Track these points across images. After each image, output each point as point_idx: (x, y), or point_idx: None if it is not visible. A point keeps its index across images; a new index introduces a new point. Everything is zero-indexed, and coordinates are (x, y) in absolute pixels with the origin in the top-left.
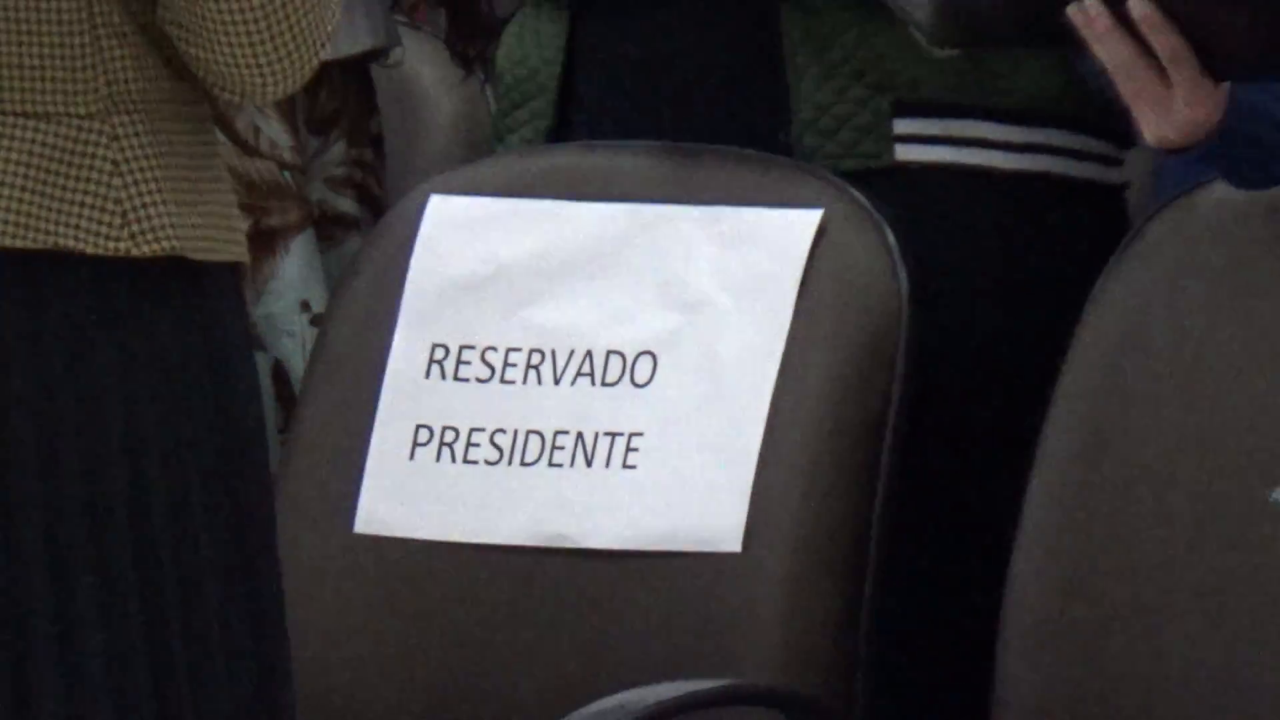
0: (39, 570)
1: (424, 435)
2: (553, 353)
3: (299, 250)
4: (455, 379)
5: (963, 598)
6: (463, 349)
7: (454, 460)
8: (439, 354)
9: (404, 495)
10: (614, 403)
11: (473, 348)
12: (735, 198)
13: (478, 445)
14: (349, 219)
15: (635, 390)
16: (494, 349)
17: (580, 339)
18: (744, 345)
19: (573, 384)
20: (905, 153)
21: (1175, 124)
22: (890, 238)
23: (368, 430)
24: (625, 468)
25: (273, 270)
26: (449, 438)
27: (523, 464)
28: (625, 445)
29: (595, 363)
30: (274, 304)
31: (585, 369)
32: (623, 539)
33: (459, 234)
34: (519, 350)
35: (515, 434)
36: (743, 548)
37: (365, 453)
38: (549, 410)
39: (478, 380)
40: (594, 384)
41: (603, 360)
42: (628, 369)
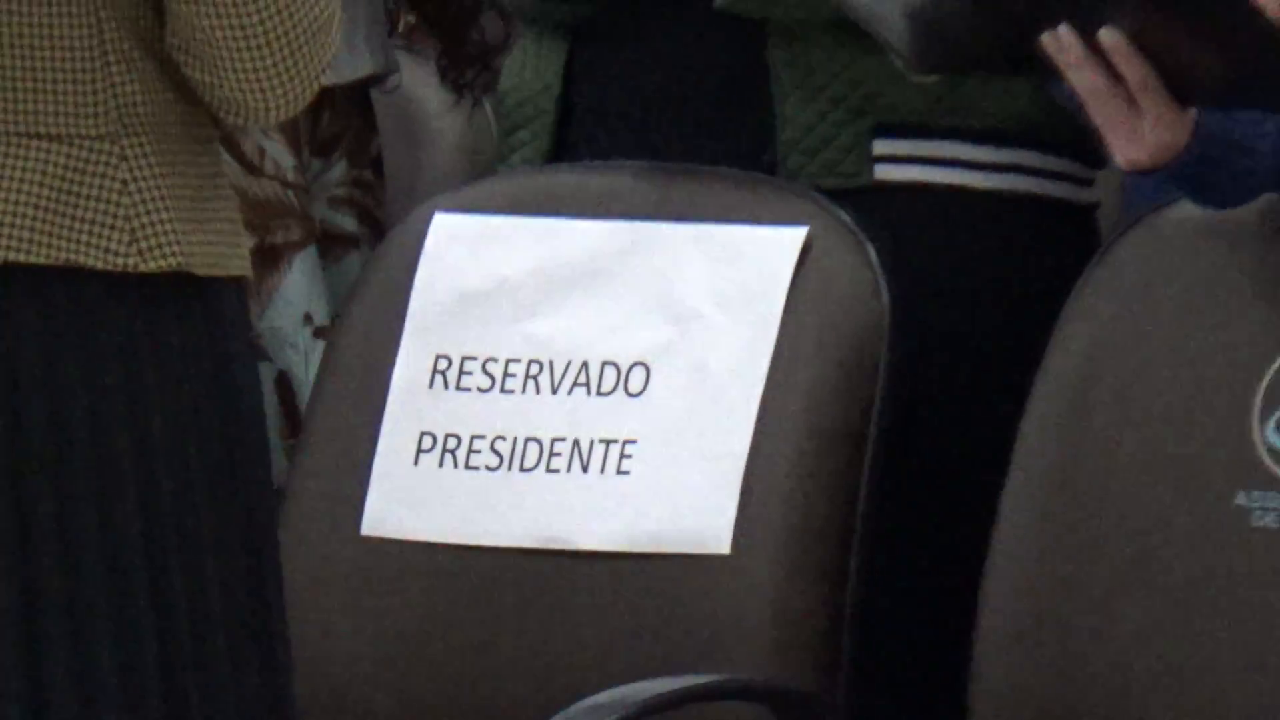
0: (52, 573)
1: (428, 442)
2: (550, 363)
3: (302, 266)
4: (458, 388)
5: (942, 597)
6: (465, 360)
7: (456, 466)
8: (442, 364)
9: (409, 499)
10: (608, 411)
11: (474, 359)
12: (724, 215)
13: (479, 452)
14: (350, 236)
15: (629, 399)
16: (495, 360)
17: (577, 350)
18: (733, 357)
19: (569, 393)
20: (884, 172)
21: (1144, 147)
22: (872, 254)
23: (374, 437)
24: (619, 473)
25: (277, 285)
26: (451, 444)
27: (522, 469)
28: (619, 452)
29: (591, 373)
30: (278, 317)
31: (581, 379)
32: (617, 541)
33: (462, 250)
34: (518, 361)
35: (515, 441)
36: (731, 550)
37: (372, 458)
38: (547, 418)
39: (479, 390)
40: (589, 393)
41: (598, 371)
42: (622, 379)
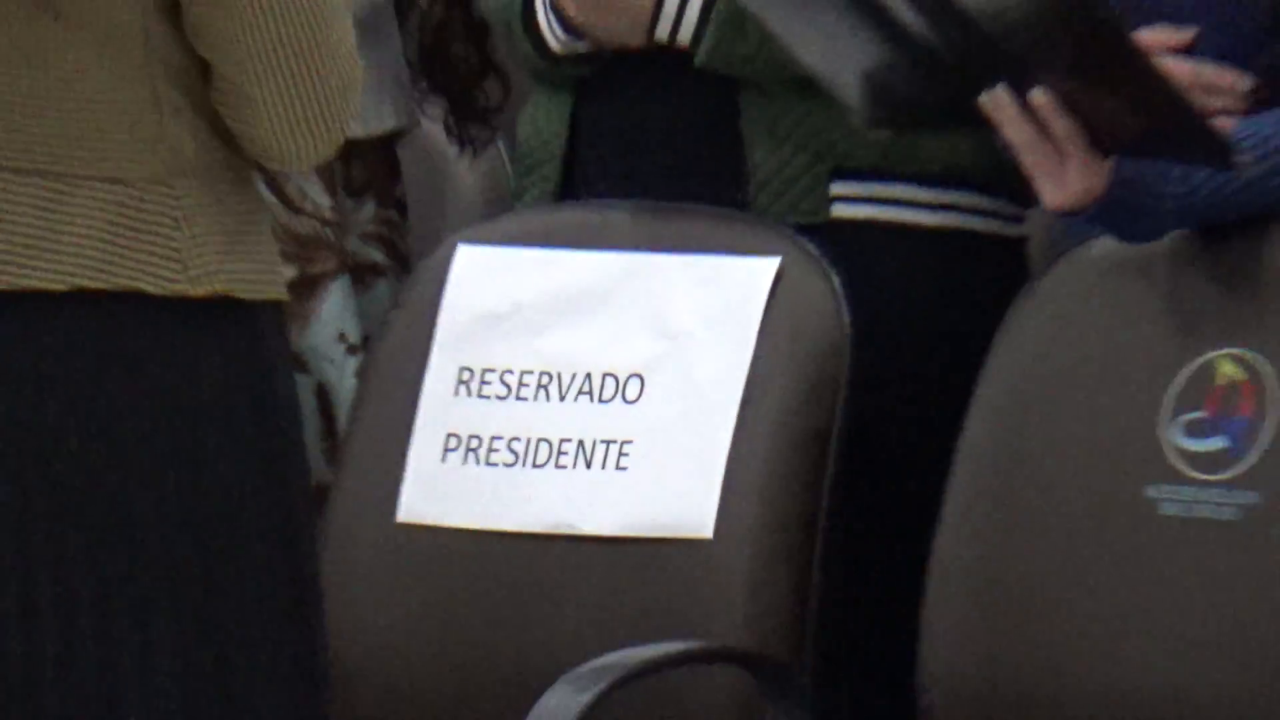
0: (118, 567)
1: (453, 442)
2: (559, 375)
3: (337, 292)
4: (479, 396)
5: (893, 578)
6: (485, 371)
7: (478, 463)
8: (465, 375)
9: (437, 491)
10: (608, 416)
11: (493, 370)
12: (706, 247)
13: (497, 450)
14: (378, 267)
15: (626, 405)
16: (511, 371)
17: (581, 363)
18: (715, 369)
19: (575, 400)
20: (840, 210)
21: (1069, 192)
22: (835, 282)
23: (408, 438)
24: (618, 469)
25: (316, 308)
26: (474, 444)
27: (534, 466)
28: (618, 451)
29: (593, 383)
30: (317, 336)
31: (585, 388)
32: (615, 527)
33: (482, 277)
34: (531, 372)
35: (528, 441)
36: (714, 535)
37: (406, 456)
38: (555, 421)
39: (497, 397)
40: (592, 400)
41: (599, 381)
42: (620, 388)
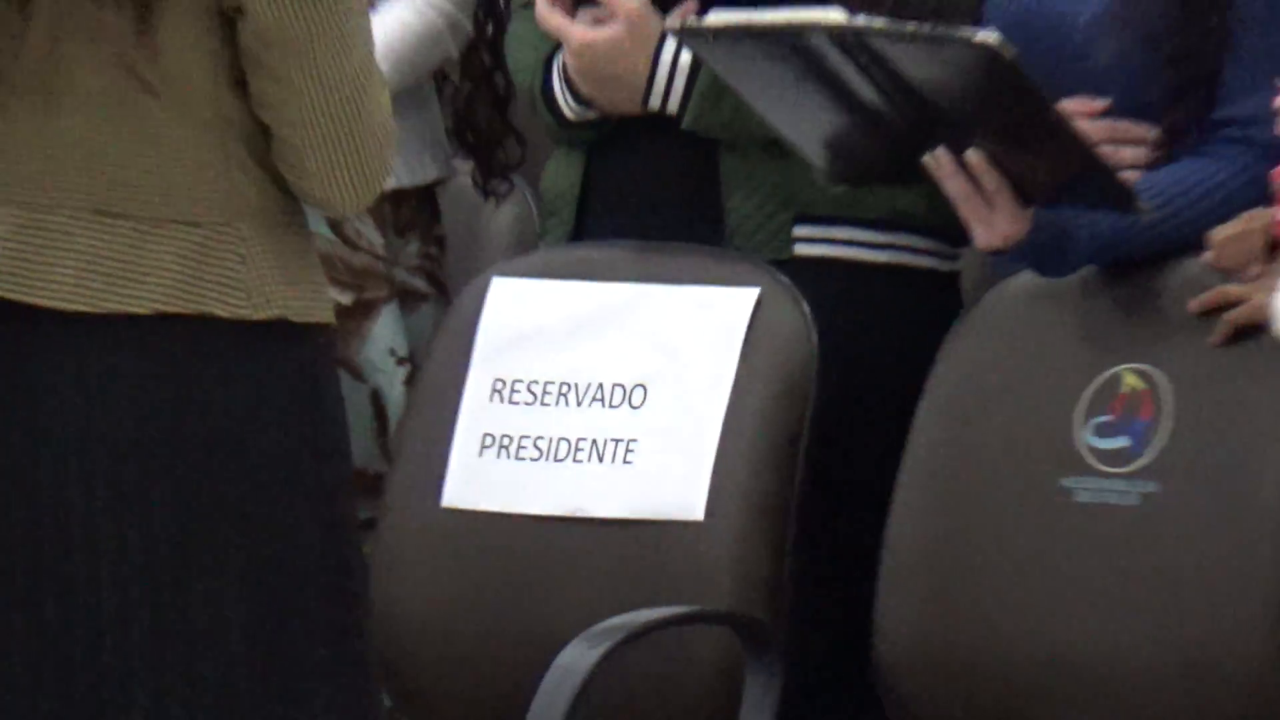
0: (198, 557)
1: (489, 441)
2: (576, 385)
3: (388, 314)
4: (510, 403)
5: (854, 556)
6: (515, 382)
7: (509, 458)
8: (499, 385)
9: (475, 481)
10: (617, 419)
11: (522, 381)
12: (697, 279)
13: (525, 448)
14: (422, 294)
15: (632, 410)
16: (536, 382)
17: (594, 375)
18: (705, 381)
19: (589, 406)
20: (802, 249)
21: (997, 234)
22: (805, 309)
23: (451, 437)
24: (625, 463)
25: (370, 328)
26: (505, 442)
27: (555, 460)
28: (625, 448)
29: (604, 391)
30: (371, 351)
31: (598, 395)
32: (622, 511)
33: (513, 304)
34: (553, 383)
35: (550, 440)
36: (705, 518)
37: (449, 452)
38: (573, 424)
39: (525, 404)
40: (604, 406)
41: (610, 390)
42: (626, 396)
